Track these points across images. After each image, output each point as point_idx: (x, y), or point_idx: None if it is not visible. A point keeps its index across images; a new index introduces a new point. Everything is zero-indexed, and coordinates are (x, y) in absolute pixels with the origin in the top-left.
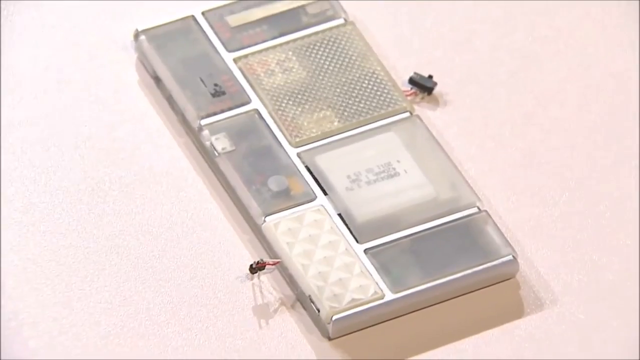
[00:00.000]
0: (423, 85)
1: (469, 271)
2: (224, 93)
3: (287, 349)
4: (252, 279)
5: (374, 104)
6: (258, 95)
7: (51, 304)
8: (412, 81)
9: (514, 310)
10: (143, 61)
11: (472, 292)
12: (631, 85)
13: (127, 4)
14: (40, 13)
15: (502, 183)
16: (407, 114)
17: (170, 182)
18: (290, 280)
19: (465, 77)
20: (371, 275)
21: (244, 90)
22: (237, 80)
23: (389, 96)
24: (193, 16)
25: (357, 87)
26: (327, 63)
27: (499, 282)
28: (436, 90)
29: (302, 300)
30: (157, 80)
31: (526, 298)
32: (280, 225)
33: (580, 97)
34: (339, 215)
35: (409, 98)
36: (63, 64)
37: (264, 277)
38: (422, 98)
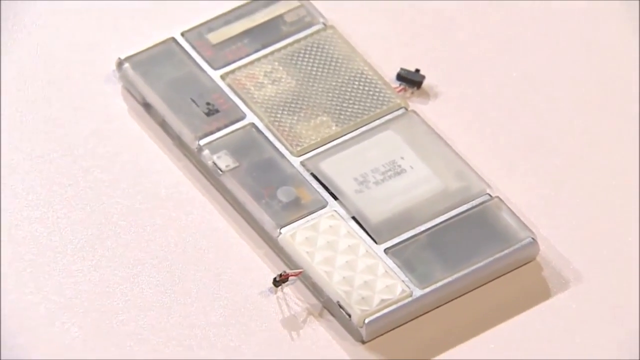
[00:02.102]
0: (412, 80)
1: (491, 258)
2: (217, 111)
3: (323, 357)
4: (275, 292)
5: (368, 104)
6: (252, 109)
7: (80, 341)
8: (400, 77)
9: (541, 292)
10: (129, 89)
11: (496, 278)
12: (622, 59)
13: (99, 35)
14: (17, 55)
15: (505, 167)
16: (402, 110)
17: (177, 206)
18: (314, 288)
19: (451, 67)
20: (395, 274)
21: (237, 106)
22: (229, 97)
23: (382, 94)
24: (173, 38)
25: (349, 89)
26: (315, 69)
27: (521, 266)
28: (425, 84)
29: (329, 308)
30: (147, 106)
31: (550, 279)
32: (296, 236)
33: (569, 72)
34: (353, 218)
35: (399, 94)
36: (48, 103)
37: (286, 289)
38: (412, 93)
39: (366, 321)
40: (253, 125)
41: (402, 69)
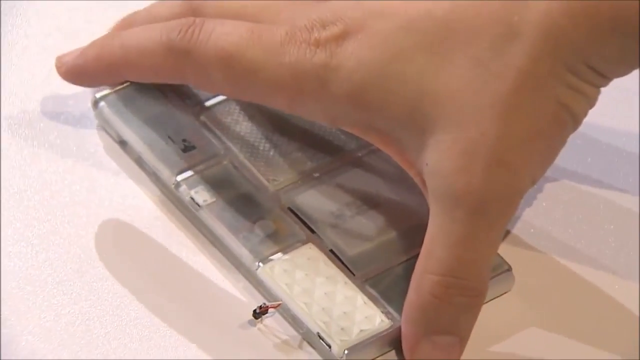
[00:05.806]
0: None
1: None
2: (194, 147)
3: None
4: (255, 324)
5: (342, 139)
6: (227, 145)
7: None
8: None
9: (517, 323)
10: (105, 127)
11: None
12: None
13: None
14: None
15: None
16: (374, 147)
17: (155, 242)
18: (293, 320)
19: None
20: (374, 305)
21: (213, 142)
22: (204, 133)
23: None
24: None
25: (322, 126)
26: None
27: (497, 297)
28: None
29: (309, 339)
30: (123, 144)
31: (526, 310)
32: (275, 268)
33: None
34: (331, 251)
35: None
36: (24, 141)
37: (266, 320)
38: None
39: (346, 351)
40: (229, 161)
41: None
